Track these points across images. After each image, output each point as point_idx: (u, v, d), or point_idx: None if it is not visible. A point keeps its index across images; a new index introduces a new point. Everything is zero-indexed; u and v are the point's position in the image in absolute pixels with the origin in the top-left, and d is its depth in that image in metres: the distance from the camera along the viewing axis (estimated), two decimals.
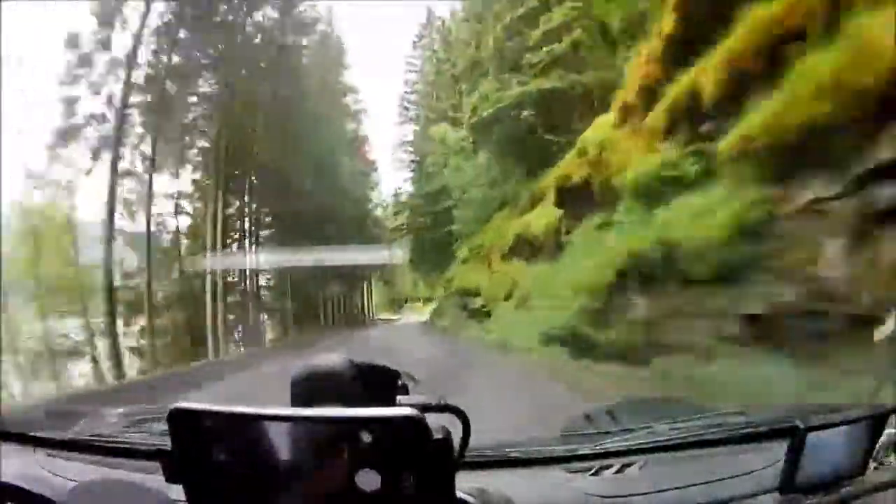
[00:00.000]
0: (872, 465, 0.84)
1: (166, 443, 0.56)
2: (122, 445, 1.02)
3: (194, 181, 16.55)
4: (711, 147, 5.75)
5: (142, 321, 14.03)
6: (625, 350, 5.90)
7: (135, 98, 14.23)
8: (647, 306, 5.83)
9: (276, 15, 18.00)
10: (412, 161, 30.58)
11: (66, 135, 13.51)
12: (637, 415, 1.41)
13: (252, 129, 16.56)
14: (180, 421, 0.54)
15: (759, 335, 4.30)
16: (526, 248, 14.02)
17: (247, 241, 18.22)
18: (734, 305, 4.59)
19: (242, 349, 16.10)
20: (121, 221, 14.06)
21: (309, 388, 0.68)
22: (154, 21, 14.32)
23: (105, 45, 13.73)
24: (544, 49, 16.41)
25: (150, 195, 14.50)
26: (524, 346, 9.27)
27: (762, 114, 4.82)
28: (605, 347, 6.41)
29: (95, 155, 13.64)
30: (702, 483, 0.84)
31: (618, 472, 0.90)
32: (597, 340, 6.67)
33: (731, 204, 4.90)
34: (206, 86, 16.09)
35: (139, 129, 14.47)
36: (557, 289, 9.02)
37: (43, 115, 13.42)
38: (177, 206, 16.30)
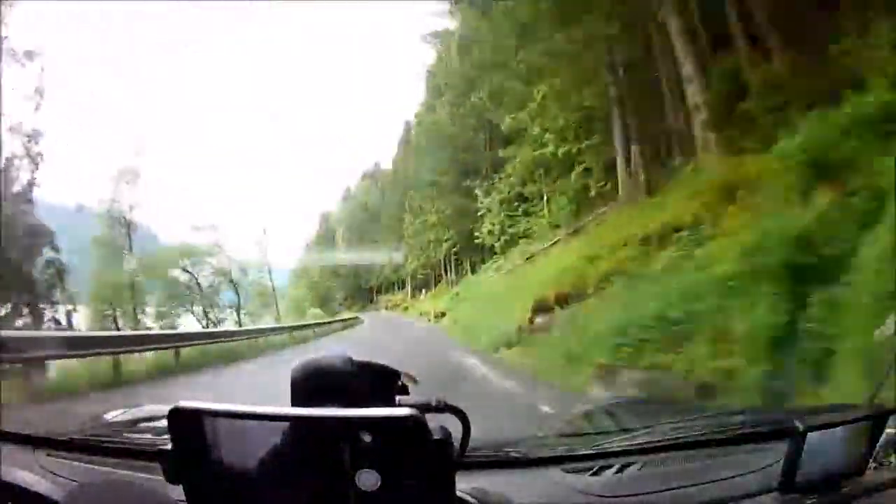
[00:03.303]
0: (872, 465, 0.84)
1: (166, 443, 0.56)
2: (122, 445, 1.02)
3: None
4: None
5: None
6: None
7: None
8: None
9: None
10: None
11: None
12: (637, 415, 1.41)
13: None
14: (180, 421, 0.54)
15: None
16: None
17: None
18: None
19: None
20: None
21: (309, 388, 0.68)
22: None
23: None
24: None
25: None
26: None
27: None
28: None
29: None
30: (702, 483, 0.84)
31: (618, 472, 0.90)
32: None
33: None
34: None
35: None
36: None
37: None
38: None
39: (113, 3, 15.21)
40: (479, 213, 18.54)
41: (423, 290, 25.84)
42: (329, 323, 18.75)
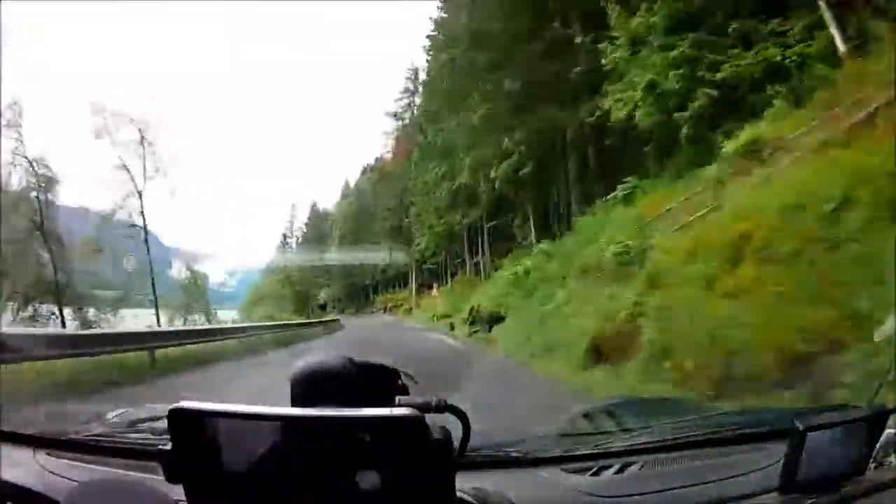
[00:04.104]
0: (872, 465, 0.84)
1: (166, 443, 0.56)
2: (122, 445, 1.02)
3: None
4: None
5: None
6: None
7: None
8: None
9: None
10: None
11: None
12: (637, 415, 1.41)
13: None
14: (180, 421, 0.54)
15: None
16: None
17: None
18: None
19: None
20: None
21: (309, 388, 0.68)
22: None
23: None
24: None
25: None
26: None
27: None
28: None
29: None
30: (702, 483, 0.84)
31: (618, 472, 0.90)
32: None
33: None
34: None
35: None
36: None
37: None
38: None
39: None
40: (601, 79, 9.50)
41: (434, 286, 18.98)
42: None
